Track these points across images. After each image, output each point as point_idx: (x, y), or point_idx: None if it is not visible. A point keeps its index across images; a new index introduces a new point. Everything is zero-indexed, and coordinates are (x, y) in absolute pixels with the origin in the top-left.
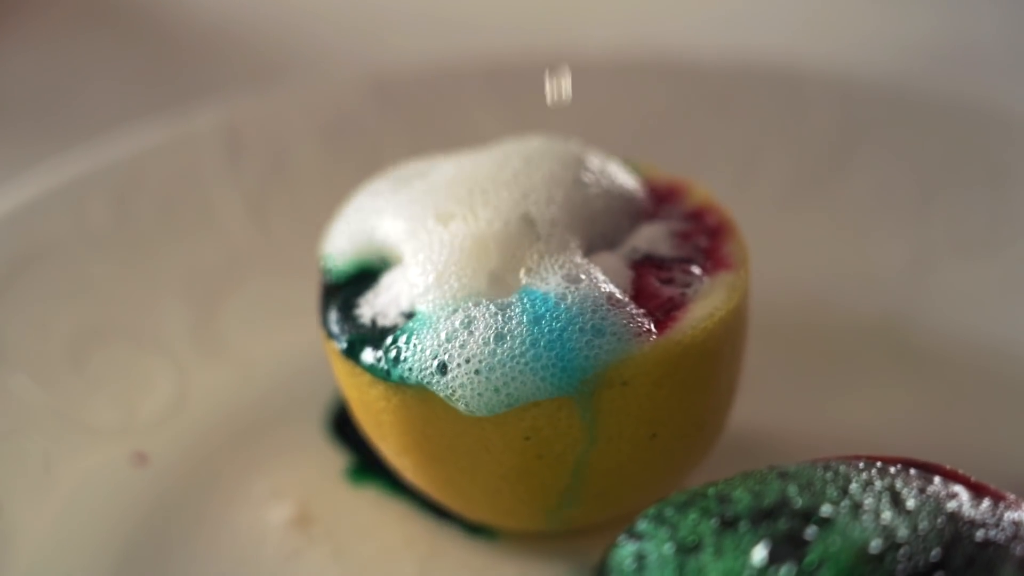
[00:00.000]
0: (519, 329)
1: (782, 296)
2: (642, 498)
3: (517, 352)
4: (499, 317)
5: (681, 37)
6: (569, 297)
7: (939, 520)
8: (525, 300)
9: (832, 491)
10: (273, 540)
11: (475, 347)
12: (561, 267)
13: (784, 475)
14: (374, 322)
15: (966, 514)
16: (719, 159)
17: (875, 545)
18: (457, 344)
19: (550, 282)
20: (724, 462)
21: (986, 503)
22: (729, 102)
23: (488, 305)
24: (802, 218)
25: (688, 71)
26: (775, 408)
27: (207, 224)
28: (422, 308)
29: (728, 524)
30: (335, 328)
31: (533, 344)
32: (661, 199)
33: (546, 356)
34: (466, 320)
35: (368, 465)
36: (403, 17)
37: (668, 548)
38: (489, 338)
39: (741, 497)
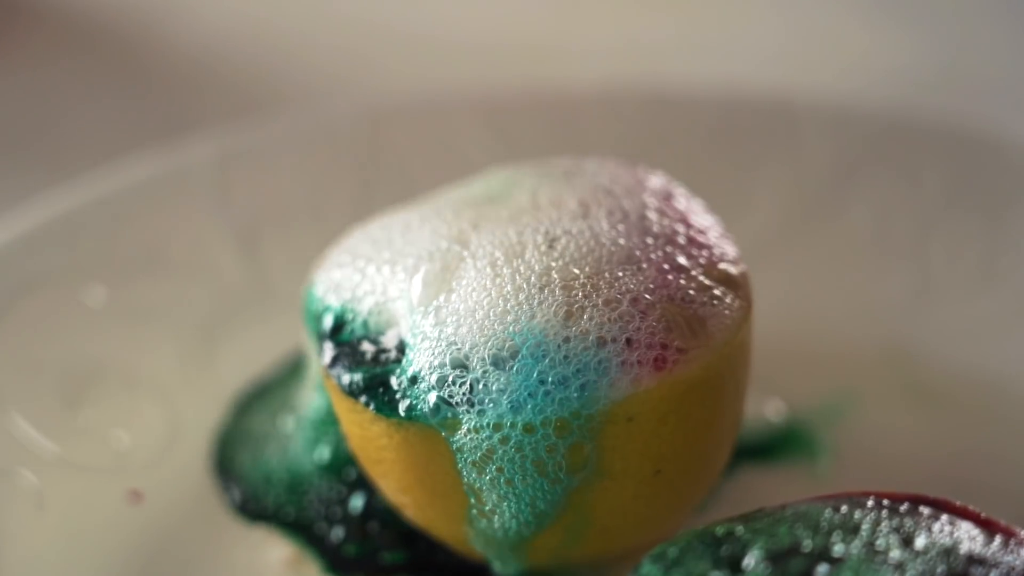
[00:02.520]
0: (518, 382)
1: (781, 327)
2: (645, 535)
3: (519, 421)
4: (498, 368)
5: (676, 69)
6: (571, 338)
7: (951, 559)
8: (524, 346)
9: (842, 531)
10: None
11: (474, 403)
12: (566, 301)
13: (793, 514)
14: (376, 358)
15: (978, 553)
16: (715, 191)
17: None
18: (457, 390)
19: (551, 320)
20: (728, 497)
21: (997, 540)
22: (724, 133)
23: (487, 352)
24: (799, 250)
25: (683, 102)
26: None
27: (198, 260)
28: (423, 347)
29: (738, 565)
30: (335, 364)
31: (536, 408)
32: None
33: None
34: (462, 366)
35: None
36: (397, 52)
37: None
38: (490, 391)
39: (750, 537)
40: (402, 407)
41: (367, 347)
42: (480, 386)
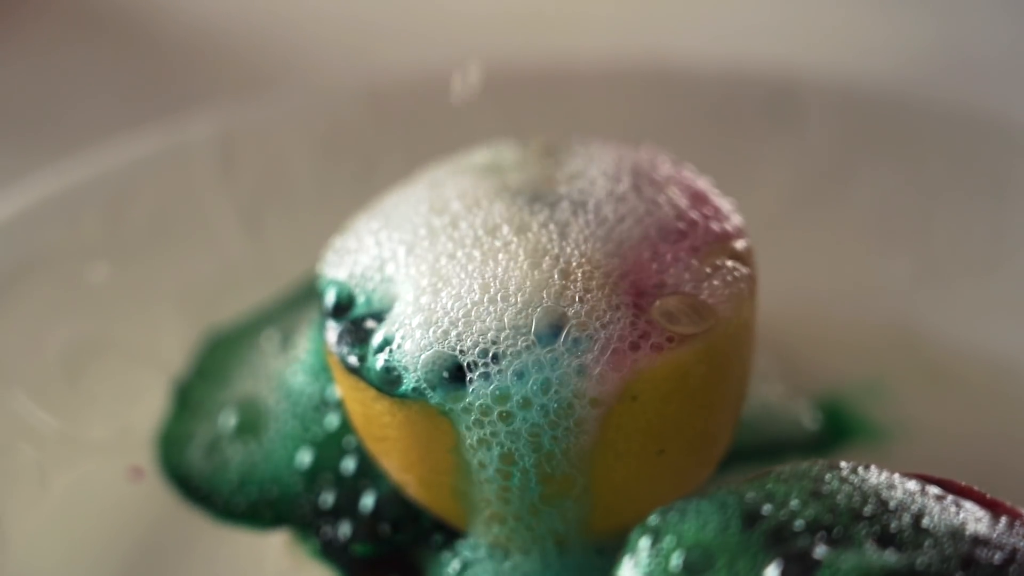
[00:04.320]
0: (515, 366)
1: (785, 309)
2: (647, 515)
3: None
4: (493, 350)
5: (680, 47)
6: (566, 325)
7: (957, 540)
8: (520, 329)
9: (847, 506)
10: (272, 557)
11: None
12: (561, 286)
13: (794, 480)
14: (378, 335)
15: (983, 534)
16: (717, 170)
17: (892, 566)
18: (452, 372)
19: (545, 305)
20: (730, 477)
21: (1003, 522)
22: (728, 113)
23: (481, 335)
24: (804, 231)
25: (687, 81)
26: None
27: (201, 236)
28: (420, 327)
29: (735, 535)
30: (338, 341)
31: (532, 391)
32: None
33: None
34: (457, 348)
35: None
36: (398, 26)
37: (676, 560)
38: (485, 374)
39: (749, 505)
40: (400, 387)
41: (370, 325)
42: (474, 369)
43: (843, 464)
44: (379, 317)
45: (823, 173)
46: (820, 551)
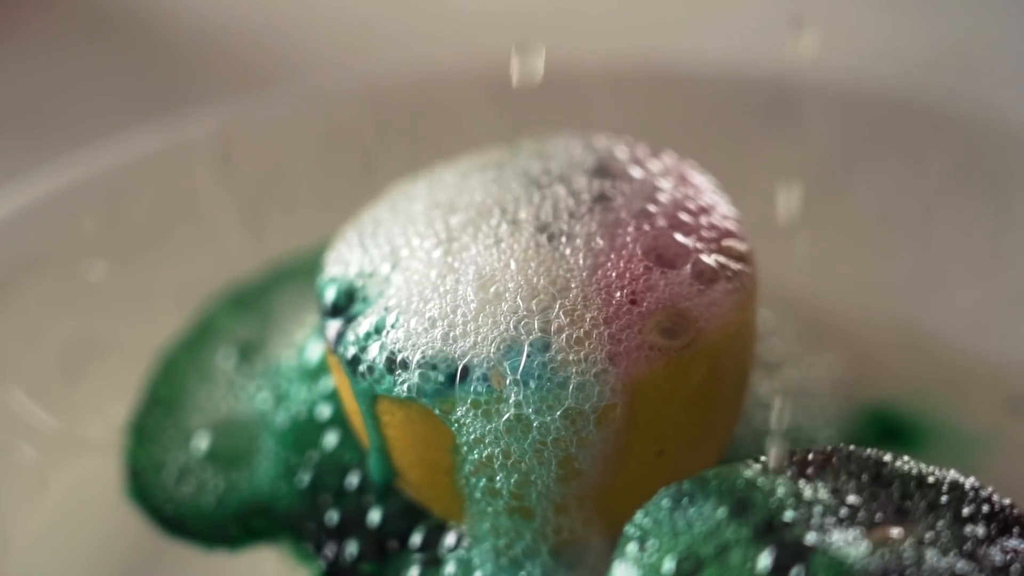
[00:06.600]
0: (513, 374)
1: (785, 309)
2: None
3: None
4: (492, 357)
5: (681, 46)
6: (567, 334)
7: (954, 525)
8: (518, 339)
9: (836, 492)
10: (272, 558)
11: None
12: (560, 300)
13: (782, 468)
14: (376, 334)
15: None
16: (718, 172)
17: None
18: (447, 375)
19: (546, 317)
20: None
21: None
22: (729, 114)
23: (481, 340)
24: (805, 231)
25: (686, 82)
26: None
27: (201, 234)
28: (419, 328)
29: (725, 526)
30: (337, 340)
31: (532, 401)
32: None
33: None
34: (452, 352)
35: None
36: (398, 26)
37: (668, 564)
38: (483, 379)
39: (739, 495)
40: (399, 387)
41: (368, 323)
42: (470, 373)
43: (830, 450)
44: (378, 316)
45: (824, 173)
46: (812, 537)
